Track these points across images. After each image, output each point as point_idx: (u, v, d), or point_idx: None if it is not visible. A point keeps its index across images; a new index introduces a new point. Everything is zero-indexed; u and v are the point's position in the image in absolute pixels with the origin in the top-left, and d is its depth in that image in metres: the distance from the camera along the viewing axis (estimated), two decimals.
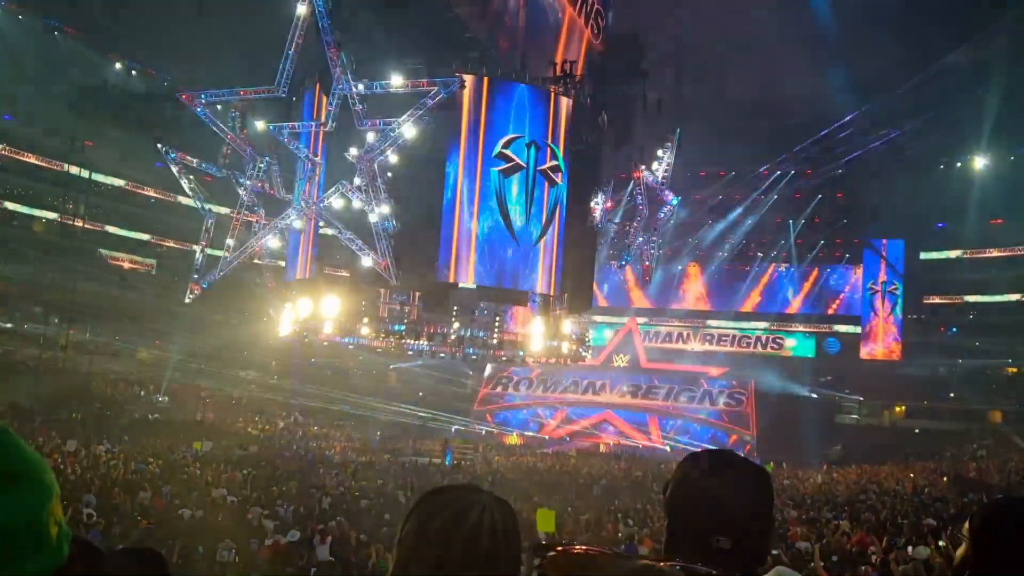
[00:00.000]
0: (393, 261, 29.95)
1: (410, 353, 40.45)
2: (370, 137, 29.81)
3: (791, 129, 51.45)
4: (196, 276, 34.79)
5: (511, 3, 32.64)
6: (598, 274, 41.84)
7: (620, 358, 55.43)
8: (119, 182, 47.56)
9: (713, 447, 1.99)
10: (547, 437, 49.78)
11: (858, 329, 53.93)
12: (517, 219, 31.73)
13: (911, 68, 45.87)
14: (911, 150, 48.61)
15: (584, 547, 1.71)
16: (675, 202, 39.12)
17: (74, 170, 44.03)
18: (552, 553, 1.67)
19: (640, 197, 37.81)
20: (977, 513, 1.99)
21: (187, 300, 35.13)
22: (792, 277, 56.69)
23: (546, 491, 25.73)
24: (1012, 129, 45.60)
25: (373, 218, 29.82)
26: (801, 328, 55.93)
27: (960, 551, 2.01)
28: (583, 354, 40.93)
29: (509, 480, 28.37)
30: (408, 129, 29.11)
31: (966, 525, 1.99)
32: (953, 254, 52.39)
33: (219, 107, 33.02)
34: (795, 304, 56.50)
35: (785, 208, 56.48)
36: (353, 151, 29.93)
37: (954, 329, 51.59)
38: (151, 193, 48.97)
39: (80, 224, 43.35)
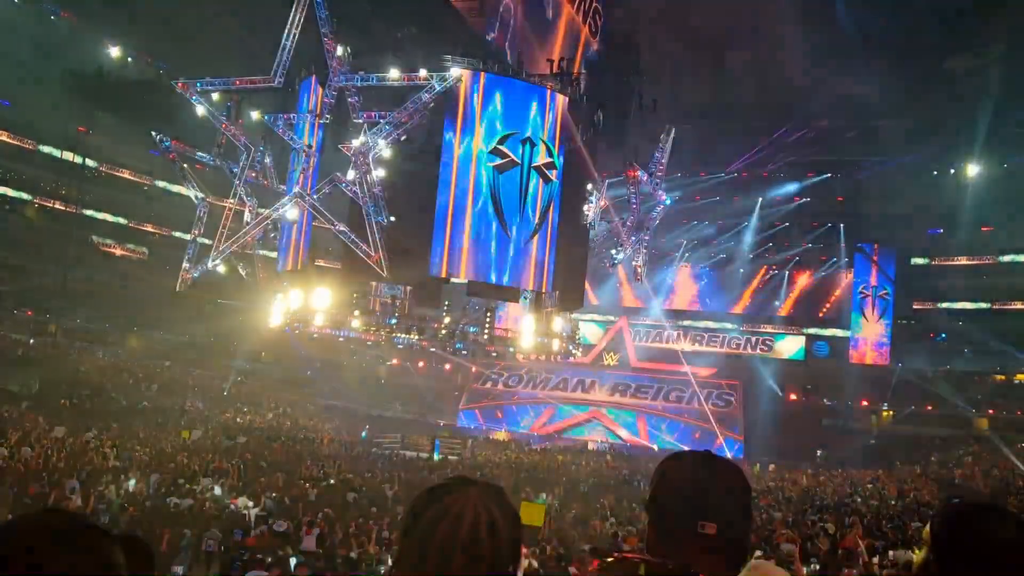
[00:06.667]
0: (385, 254, 29.91)
1: (400, 347, 40.46)
2: (365, 130, 29.77)
3: (787, 131, 51.52)
4: (188, 265, 34.68)
5: None
6: (590, 272, 41.85)
7: (610, 356, 55.55)
8: (112, 169, 47.35)
9: (699, 448, 2.04)
10: (535, 433, 49.86)
11: (848, 333, 54.01)
12: (511, 215, 31.68)
13: (909, 71, 46.00)
14: (905, 155, 48.71)
15: (639, 555, 1.79)
16: (668, 201, 39.13)
17: (67, 156, 43.87)
18: (610, 559, 1.76)
19: (633, 196, 37.82)
20: (935, 518, 2.01)
21: (178, 289, 35.03)
22: (783, 280, 56.80)
23: (533, 487, 25.84)
24: (1005, 136, 45.66)
25: (366, 211, 29.78)
26: (791, 331, 56.07)
27: (919, 556, 2.04)
28: (573, 352, 40.96)
29: (496, 476, 28.43)
30: (406, 119, 29.10)
31: (925, 530, 2.01)
32: (944, 260, 52.56)
33: (215, 96, 32.88)
34: (786, 307, 56.62)
35: (778, 211, 56.62)
36: (348, 143, 29.88)
37: (943, 335, 51.81)
38: (145, 180, 48.80)
39: (72, 210, 43.21)
